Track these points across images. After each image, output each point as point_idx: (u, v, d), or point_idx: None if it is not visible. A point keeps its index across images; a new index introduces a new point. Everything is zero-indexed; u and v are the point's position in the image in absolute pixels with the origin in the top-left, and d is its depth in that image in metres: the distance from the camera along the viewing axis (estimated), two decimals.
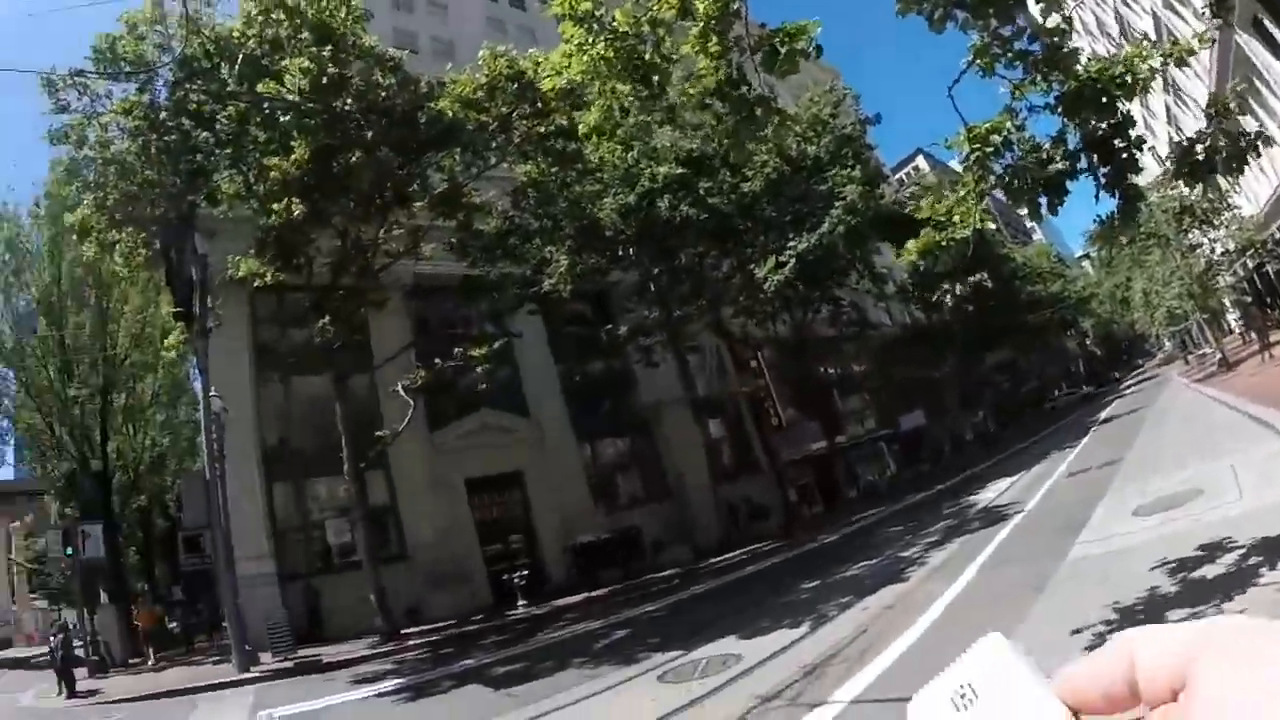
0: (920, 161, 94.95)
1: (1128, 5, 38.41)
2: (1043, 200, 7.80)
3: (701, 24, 7.30)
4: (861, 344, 49.35)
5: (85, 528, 27.87)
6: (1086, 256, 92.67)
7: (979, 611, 9.96)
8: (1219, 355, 42.13)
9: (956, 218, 8.21)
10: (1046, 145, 7.86)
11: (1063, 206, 7.94)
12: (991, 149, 7.63)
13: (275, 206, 19.73)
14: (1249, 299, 46.07)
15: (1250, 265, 41.45)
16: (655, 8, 7.41)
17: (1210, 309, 43.99)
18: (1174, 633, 0.46)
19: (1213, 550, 8.75)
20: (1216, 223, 36.89)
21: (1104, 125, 7.68)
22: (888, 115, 36.17)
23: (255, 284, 23.01)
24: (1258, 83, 26.87)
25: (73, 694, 21.04)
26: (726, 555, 27.95)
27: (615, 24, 7.43)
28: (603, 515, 32.14)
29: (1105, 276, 66.10)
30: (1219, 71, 29.56)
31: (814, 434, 40.77)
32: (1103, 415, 41.60)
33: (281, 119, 20.09)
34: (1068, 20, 8.35)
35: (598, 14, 7.47)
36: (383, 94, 20.77)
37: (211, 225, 23.85)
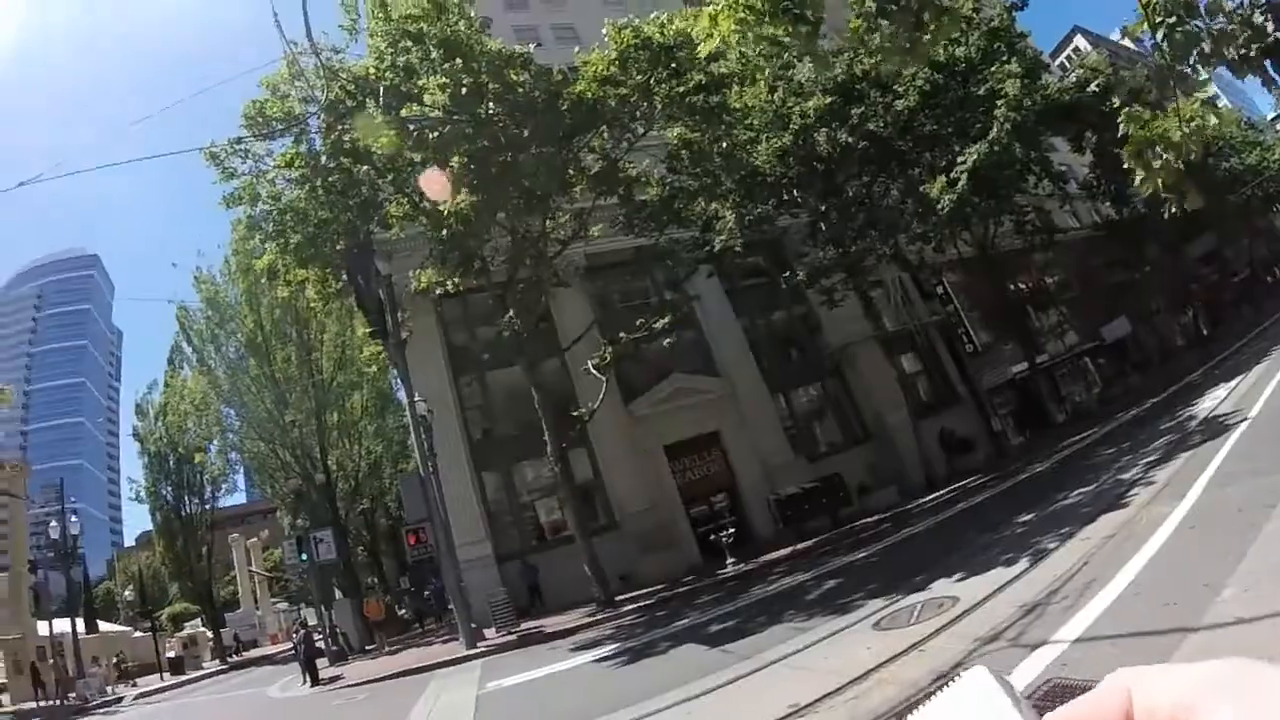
0: (1080, 41, 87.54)
1: None
2: (1269, 64, 6.96)
3: None
4: (1051, 252, 46.04)
5: (316, 534, 30.13)
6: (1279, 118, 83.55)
7: (1207, 534, 9.30)
8: None
9: (1187, 115, 7.28)
10: (1245, 3, 7.05)
11: None
12: (1174, 19, 6.80)
13: (444, 208, 20.45)
14: None
15: None
16: None
17: None
18: (1173, 674, 0.44)
19: None
20: None
21: None
22: None
23: (439, 292, 24.06)
24: None
25: (316, 682, 22.85)
26: (935, 494, 27.36)
27: None
28: (804, 465, 31.66)
29: None
30: None
31: (1012, 356, 38.95)
32: None
33: (431, 136, 20.75)
34: None
35: None
36: (520, 90, 21.13)
37: (388, 248, 25.40)
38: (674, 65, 21.92)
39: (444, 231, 21.42)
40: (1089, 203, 52.79)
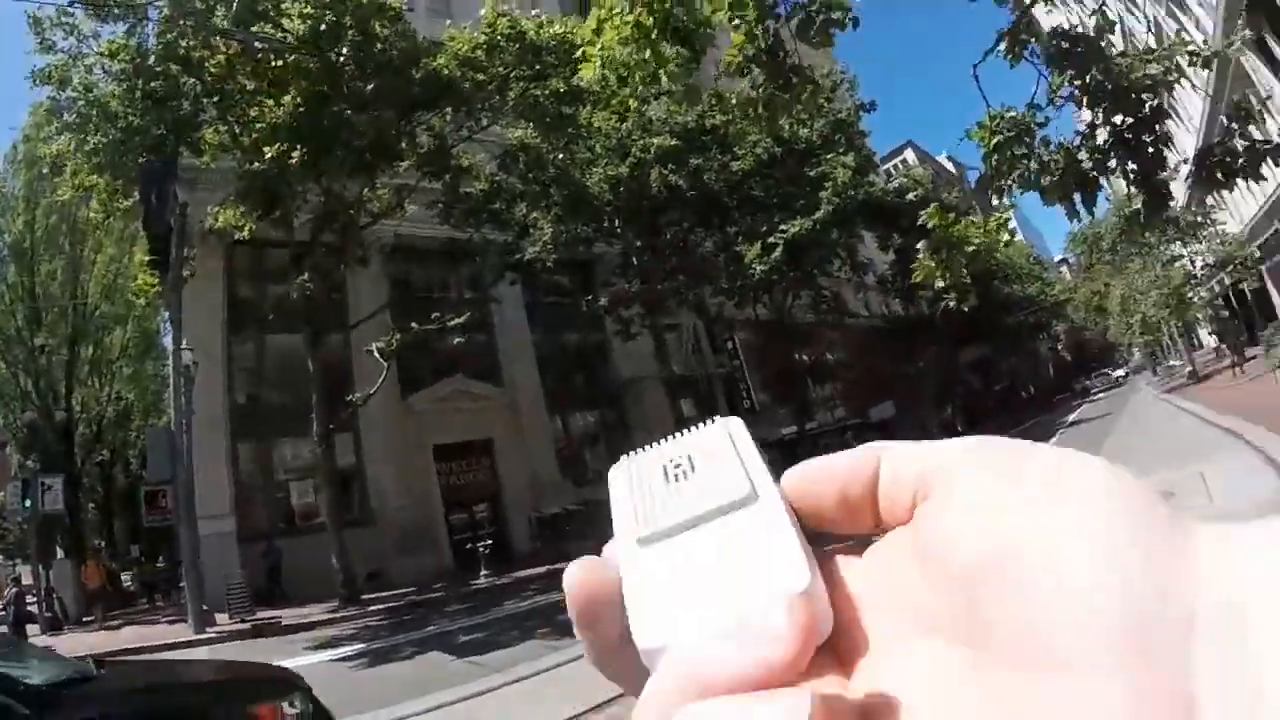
0: (910, 155, 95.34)
1: (1130, 11, 39.45)
2: (1076, 199, 7.71)
3: None
4: (838, 333, 49.52)
5: (46, 480, 27.07)
6: (1065, 261, 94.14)
7: None
8: (1189, 368, 43.19)
9: (992, 225, 8.11)
10: (1076, 142, 7.84)
11: (1095, 205, 7.98)
12: (1014, 133, 7.54)
13: (266, 148, 19.23)
14: (1225, 313, 46.61)
15: (1227, 281, 42.26)
16: None
17: (1185, 321, 44.37)
18: (923, 446, 0.40)
19: None
20: (1200, 235, 37.16)
21: (1131, 119, 7.66)
22: (881, 104, 36.08)
23: (234, 236, 22.56)
24: (1253, 99, 26.89)
25: None
26: None
27: None
28: (570, 487, 31.75)
29: (1082, 282, 66.61)
30: (1217, 87, 29.83)
31: (784, 419, 40.90)
32: (1070, 419, 42.10)
33: (273, 64, 19.60)
34: (1109, 24, 8.36)
35: None
36: (379, 45, 20.35)
37: (193, 175, 23.31)
38: (539, 67, 21.75)
39: (256, 165, 20.03)
40: (882, 296, 56.81)
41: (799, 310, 40.48)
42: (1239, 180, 8.48)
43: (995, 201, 7.94)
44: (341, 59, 19.79)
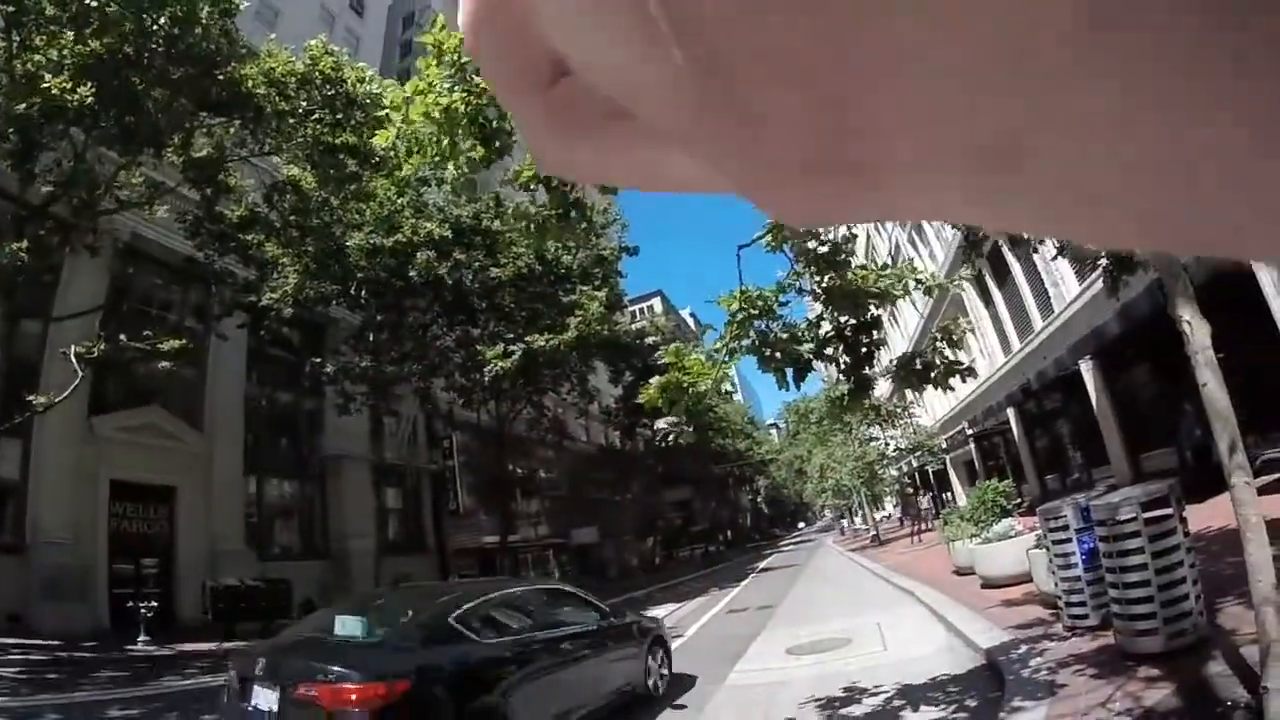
0: (657, 303, 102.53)
1: (877, 231, 45.66)
2: (789, 372, 8.48)
3: None
4: (555, 453, 50.93)
5: None
6: (776, 426, 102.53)
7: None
8: (873, 532, 47.15)
9: (708, 369, 8.81)
10: (803, 326, 8.82)
11: (803, 382, 8.76)
12: (757, 311, 8.31)
13: (45, 84, 16.69)
14: (911, 490, 51.68)
15: (915, 464, 47.02)
16: None
17: (874, 492, 48.97)
18: None
19: (860, 691, 9.61)
20: (896, 423, 41.21)
21: (854, 321, 8.75)
22: (643, 250, 38.88)
23: None
24: (962, 322, 30.67)
25: None
26: None
27: (476, 83, 7.30)
28: (253, 559, 29.02)
29: (788, 446, 71.91)
30: (934, 306, 34.36)
31: (488, 527, 40.57)
32: (760, 565, 44.04)
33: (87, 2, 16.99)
34: (853, 236, 9.50)
35: (464, 62, 7.30)
36: (199, 29, 18.42)
37: None
38: (340, 117, 20.86)
39: (29, 101, 17.24)
40: (603, 426, 59.98)
41: (522, 423, 41.08)
42: (933, 386, 9.65)
43: (726, 360, 8.61)
44: (156, 28, 17.77)
